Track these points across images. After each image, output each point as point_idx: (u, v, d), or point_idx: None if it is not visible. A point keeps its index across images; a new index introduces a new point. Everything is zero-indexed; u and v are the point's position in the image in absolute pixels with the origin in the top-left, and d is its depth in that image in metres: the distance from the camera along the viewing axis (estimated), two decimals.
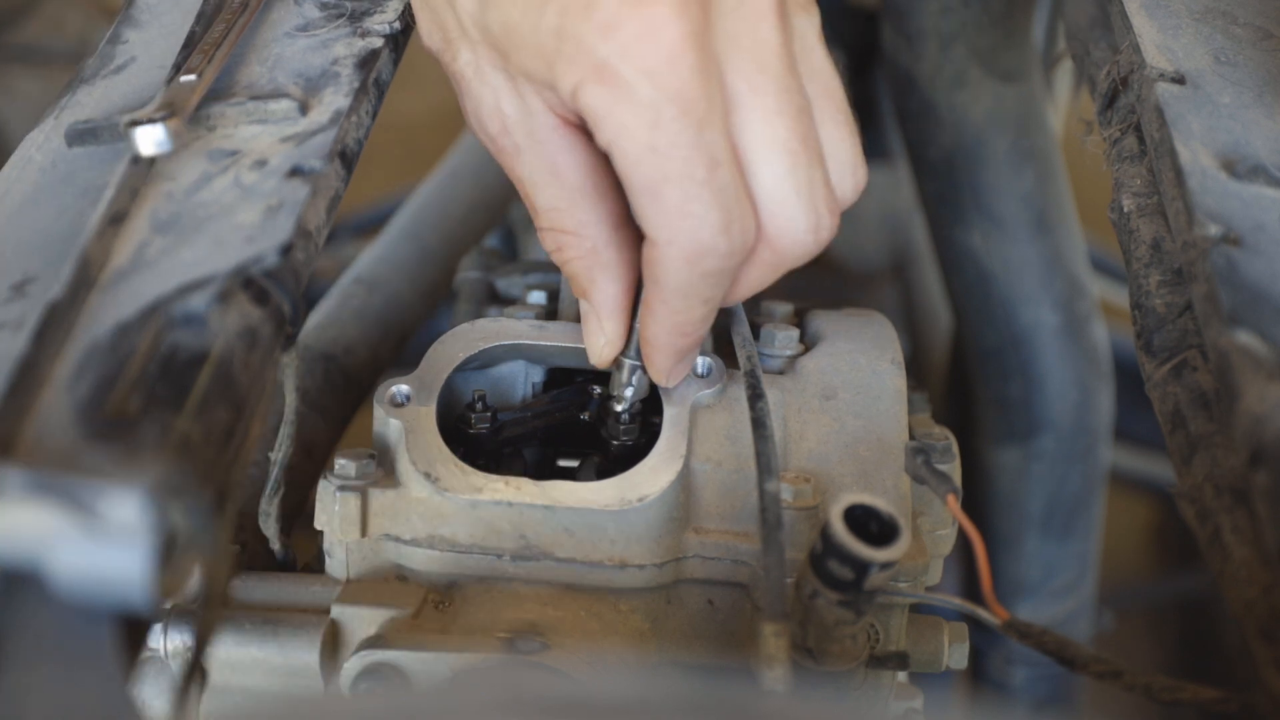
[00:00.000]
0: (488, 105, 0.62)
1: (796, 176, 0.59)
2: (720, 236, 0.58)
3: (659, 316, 0.63)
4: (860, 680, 0.63)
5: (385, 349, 0.96)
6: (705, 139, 0.56)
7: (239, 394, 0.53)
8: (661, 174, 0.57)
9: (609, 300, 0.65)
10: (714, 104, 0.57)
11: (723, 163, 0.57)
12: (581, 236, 0.63)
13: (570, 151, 0.61)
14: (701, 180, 0.57)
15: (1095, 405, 1.12)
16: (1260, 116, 0.66)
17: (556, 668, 0.58)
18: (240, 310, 0.55)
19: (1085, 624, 1.22)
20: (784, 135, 0.59)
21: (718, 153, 0.57)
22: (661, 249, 0.59)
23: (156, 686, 0.65)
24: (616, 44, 0.55)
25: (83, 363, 0.52)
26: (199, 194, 0.61)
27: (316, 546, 0.70)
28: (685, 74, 0.55)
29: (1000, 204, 1.06)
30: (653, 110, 0.56)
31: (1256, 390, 0.52)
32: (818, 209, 0.60)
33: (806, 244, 0.61)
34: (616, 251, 0.64)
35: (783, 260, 0.62)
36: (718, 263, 0.59)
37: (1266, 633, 0.51)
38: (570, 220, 0.63)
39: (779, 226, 0.60)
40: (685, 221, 0.58)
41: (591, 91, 0.56)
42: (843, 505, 0.56)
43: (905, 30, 1.04)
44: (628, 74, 0.55)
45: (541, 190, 0.63)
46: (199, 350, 0.53)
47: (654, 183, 0.57)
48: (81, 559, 0.45)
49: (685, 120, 0.56)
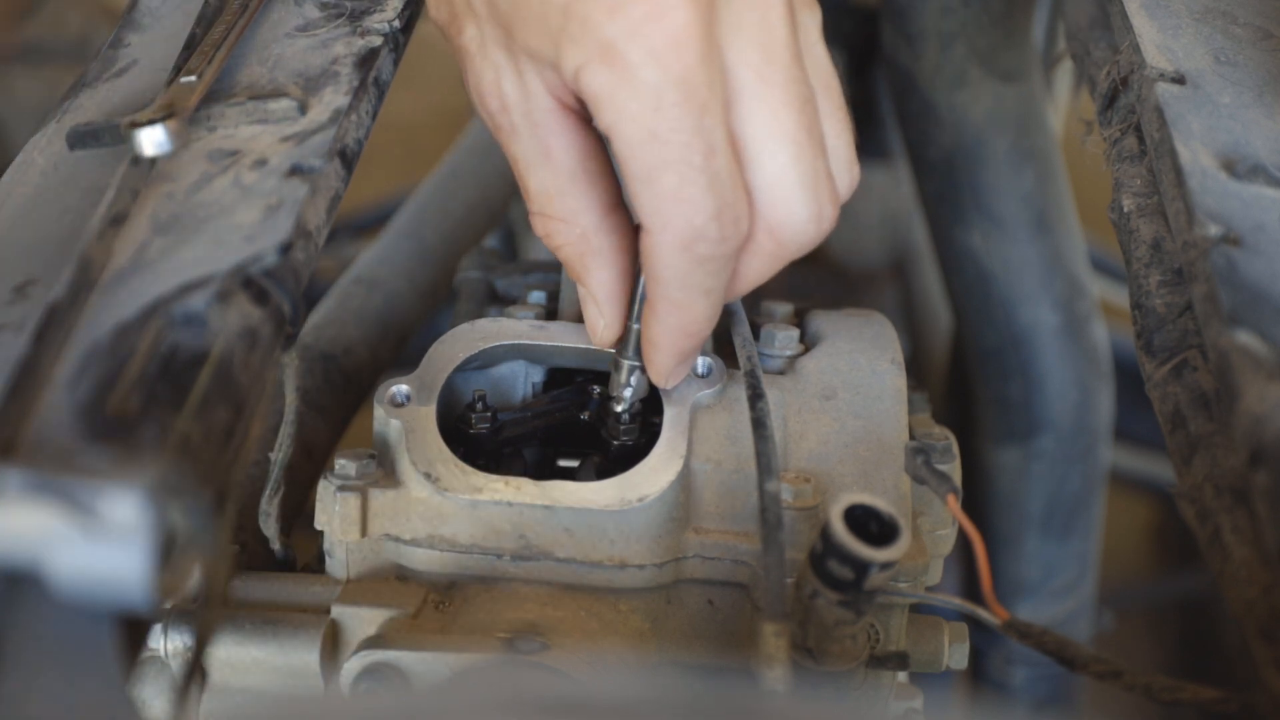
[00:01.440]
0: (488, 82, 0.63)
1: (801, 167, 0.60)
2: (713, 222, 0.58)
3: (661, 315, 0.63)
4: (860, 680, 0.63)
5: (385, 349, 0.96)
6: (705, 125, 0.57)
7: (239, 394, 0.53)
8: (659, 159, 0.57)
9: (603, 287, 0.65)
10: (715, 91, 0.57)
11: (719, 150, 0.57)
12: (571, 223, 0.64)
13: (564, 135, 0.62)
14: (698, 166, 0.57)
15: (1095, 405, 1.12)
16: (1260, 116, 0.66)
17: (556, 668, 0.58)
18: (240, 310, 0.55)
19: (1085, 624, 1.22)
20: (790, 126, 0.59)
21: (715, 140, 0.57)
22: (655, 235, 0.59)
23: (156, 686, 0.65)
24: (624, 24, 0.55)
25: (83, 363, 0.52)
26: (199, 194, 0.61)
27: (316, 546, 0.70)
28: (690, 59, 0.56)
29: (1000, 204, 1.06)
30: (655, 94, 0.56)
31: (1256, 390, 0.52)
32: (820, 199, 0.60)
33: (809, 233, 0.61)
34: (607, 238, 0.64)
35: (784, 250, 0.62)
36: (710, 249, 0.59)
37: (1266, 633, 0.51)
38: (560, 206, 0.63)
39: (782, 216, 0.60)
40: (679, 207, 0.58)
41: (594, 72, 0.56)
42: (843, 505, 0.56)
43: (905, 30, 1.04)
44: (633, 56, 0.55)
45: (534, 172, 0.63)
46: (199, 350, 0.53)
47: (651, 167, 0.57)
48: (81, 559, 0.45)
49: (687, 106, 0.56)
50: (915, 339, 1.42)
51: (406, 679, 0.60)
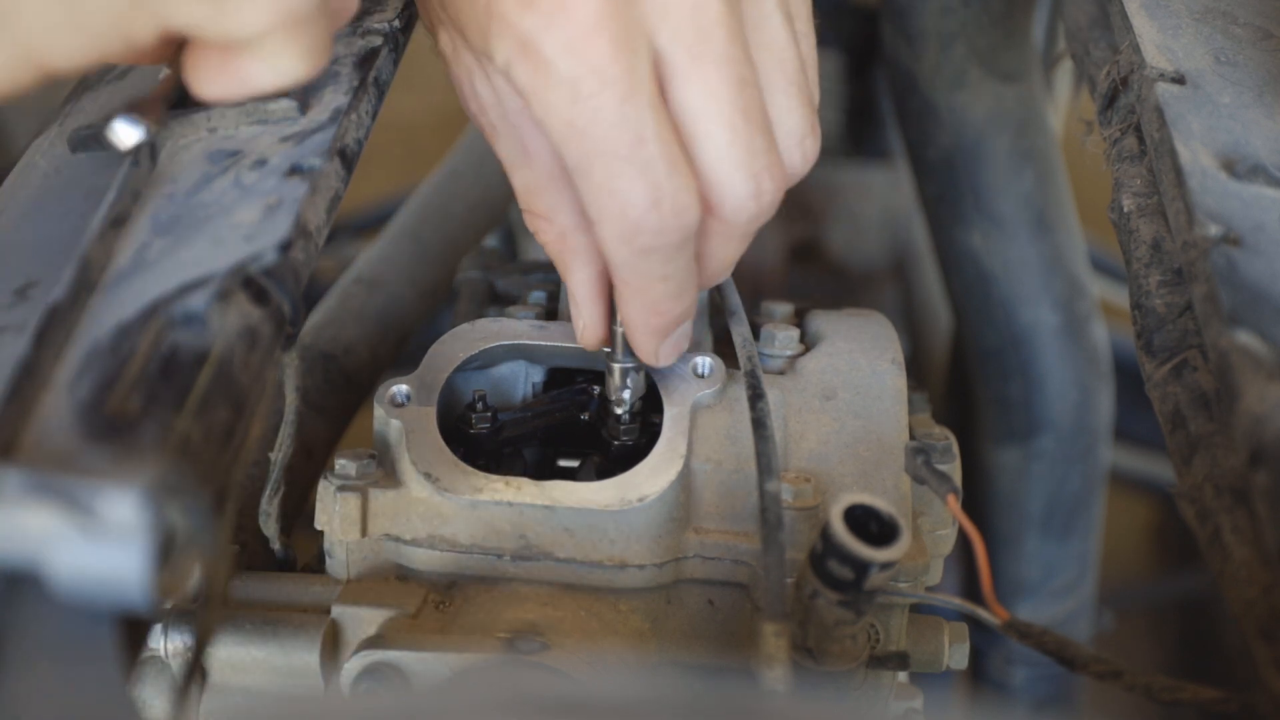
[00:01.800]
0: (465, 86, 0.63)
1: (736, 146, 0.59)
2: (650, 213, 0.57)
3: (625, 298, 0.63)
4: (860, 680, 0.63)
5: (385, 349, 0.96)
6: (627, 114, 0.56)
7: (239, 394, 0.53)
8: (584, 151, 0.57)
9: (581, 285, 0.65)
10: (638, 77, 0.56)
11: (649, 138, 0.56)
12: (552, 220, 0.64)
13: (538, 132, 0.61)
14: (624, 156, 0.56)
15: (1095, 405, 1.12)
16: (1260, 116, 0.66)
17: (556, 668, 0.58)
18: (240, 310, 0.55)
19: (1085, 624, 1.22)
20: (724, 105, 0.58)
21: (642, 128, 0.56)
22: (596, 228, 0.59)
23: (156, 686, 0.65)
24: (535, 18, 0.55)
25: (83, 364, 0.52)
26: (199, 195, 0.61)
27: (316, 546, 0.70)
28: (603, 47, 0.55)
29: (1000, 204, 1.06)
30: (571, 86, 0.55)
31: (1256, 390, 0.52)
32: (758, 177, 0.60)
33: (748, 209, 0.60)
34: (585, 236, 0.64)
35: (731, 229, 0.61)
36: (651, 240, 0.58)
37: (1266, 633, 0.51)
38: (541, 203, 0.63)
39: (719, 195, 0.60)
40: (612, 199, 0.57)
41: (518, 68, 0.56)
42: (843, 505, 0.56)
43: (905, 30, 1.04)
44: (546, 49, 0.55)
45: (517, 171, 0.64)
46: (199, 350, 0.53)
47: (579, 160, 0.57)
48: (81, 559, 0.45)
49: (604, 95, 0.55)
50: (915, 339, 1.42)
51: (406, 679, 0.60)
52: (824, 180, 1.43)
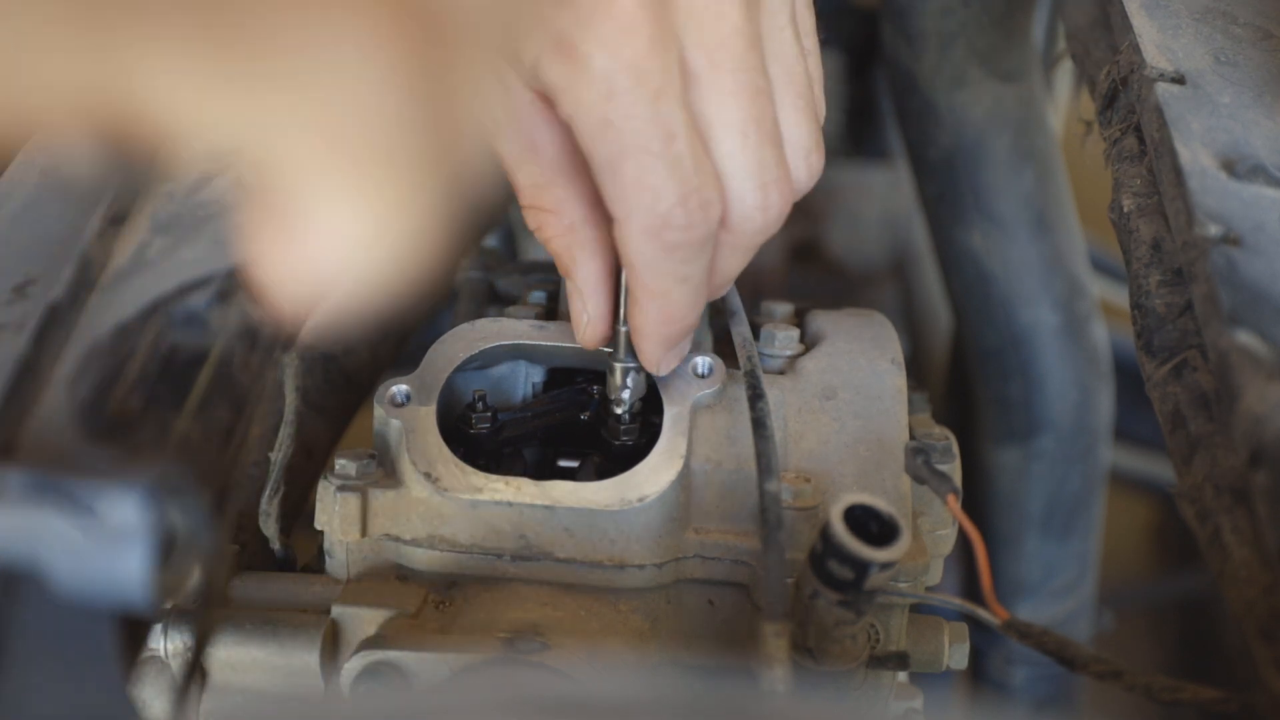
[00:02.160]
0: None
1: (746, 154, 0.59)
2: (678, 208, 0.58)
3: (641, 304, 0.63)
4: (860, 680, 0.63)
5: (385, 349, 0.96)
6: (660, 111, 0.57)
7: (239, 394, 0.53)
8: (617, 146, 0.57)
9: (589, 278, 0.65)
10: (670, 76, 0.57)
11: (679, 135, 0.57)
12: (560, 214, 0.64)
13: (548, 128, 0.62)
14: (656, 152, 0.57)
15: (1095, 405, 1.12)
16: (1260, 116, 0.66)
17: (556, 668, 0.58)
18: (240, 310, 0.55)
19: (1085, 624, 1.22)
20: (738, 114, 0.59)
21: (674, 125, 0.57)
22: (623, 224, 0.59)
23: (156, 686, 0.65)
24: (573, 15, 0.55)
25: (83, 363, 0.52)
26: (199, 194, 0.61)
27: (316, 546, 0.70)
28: (640, 45, 0.55)
29: (1000, 204, 1.06)
30: (607, 82, 0.56)
31: (1256, 390, 0.52)
32: (766, 188, 0.60)
33: (755, 220, 0.61)
34: (594, 229, 0.64)
35: (737, 239, 0.62)
36: (678, 235, 0.59)
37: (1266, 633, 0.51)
38: (549, 198, 0.63)
39: (727, 203, 0.60)
40: (642, 195, 0.58)
41: (549, 65, 0.56)
42: (843, 505, 0.56)
43: (905, 30, 1.04)
44: (583, 45, 0.55)
45: (521, 167, 0.63)
46: (199, 350, 0.53)
47: (610, 156, 0.57)
48: (81, 559, 0.45)
49: (639, 91, 0.56)
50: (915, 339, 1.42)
51: (406, 679, 0.60)
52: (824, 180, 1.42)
